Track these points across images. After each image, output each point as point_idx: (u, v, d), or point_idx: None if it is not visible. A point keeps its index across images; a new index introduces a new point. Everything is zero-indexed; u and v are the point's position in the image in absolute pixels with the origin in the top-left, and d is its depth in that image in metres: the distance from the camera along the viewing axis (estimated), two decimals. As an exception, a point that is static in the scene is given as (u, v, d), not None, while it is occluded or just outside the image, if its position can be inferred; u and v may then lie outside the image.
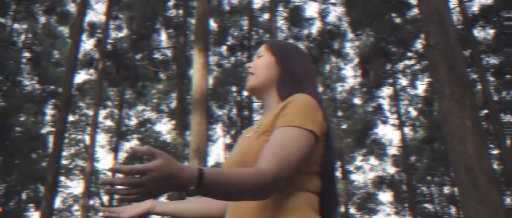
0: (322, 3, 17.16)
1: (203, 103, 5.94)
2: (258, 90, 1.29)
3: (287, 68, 1.27)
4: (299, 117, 1.09)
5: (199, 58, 6.19)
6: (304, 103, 1.13)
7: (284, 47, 1.32)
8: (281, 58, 1.29)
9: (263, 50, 1.33)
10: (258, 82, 1.28)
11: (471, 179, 3.94)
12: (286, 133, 1.06)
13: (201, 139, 5.82)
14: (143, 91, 18.92)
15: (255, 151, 1.10)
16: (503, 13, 17.76)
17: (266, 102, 1.30)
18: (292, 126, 1.08)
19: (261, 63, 1.30)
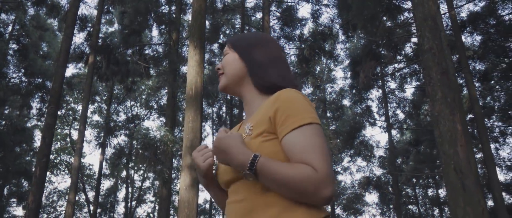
0: (315, 4, 17.26)
1: (197, 100, 5.96)
2: (230, 88, 1.32)
3: (251, 59, 1.28)
4: (305, 113, 1.10)
5: (194, 55, 6.20)
6: (299, 98, 1.13)
7: (244, 40, 1.33)
8: (243, 51, 1.30)
9: (227, 49, 1.35)
10: (227, 80, 1.31)
11: (460, 181, 4.04)
12: (305, 133, 1.07)
13: (194, 136, 5.85)
14: (133, 87, 18.80)
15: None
16: (490, 20, 18.09)
17: (244, 98, 1.31)
18: (306, 123, 1.08)
19: (227, 61, 1.32)
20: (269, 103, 1.15)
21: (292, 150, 1.07)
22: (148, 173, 23.35)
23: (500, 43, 18.39)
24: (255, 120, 1.17)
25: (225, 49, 1.36)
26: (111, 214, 24.19)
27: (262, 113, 1.16)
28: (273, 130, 1.12)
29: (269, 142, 1.11)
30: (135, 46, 15.92)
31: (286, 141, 1.08)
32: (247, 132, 1.17)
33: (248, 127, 1.17)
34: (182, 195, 5.53)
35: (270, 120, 1.12)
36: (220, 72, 1.34)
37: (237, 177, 1.16)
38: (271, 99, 1.16)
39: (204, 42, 6.93)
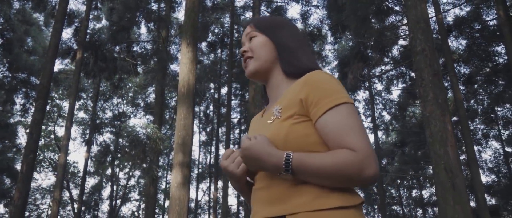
0: (305, 5, 17.34)
1: (189, 98, 5.94)
2: (260, 73, 1.25)
3: (282, 44, 1.24)
4: (338, 93, 1.08)
5: (187, 53, 6.18)
6: (330, 79, 1.11)
7: (272, 23, 1.29)
8: (273, 35, 1.26)
9: (251, 31, 1.28)
10: (259, 65, 1.24)
11: (450, 180, 4.12)
12: (340, 113, 1.04)
13: (186, 133, 5.83)
14: (120, 84, 18.62)
15: (284, 136, 1.08)
16: (475, 25, 18.44)
17: (270, 82, 1.26)
18: (340, 103, 1.05)
19: (257, 44, 1.25)
20: (298, 86, 1.13)
21: (328, 131, 1.04)
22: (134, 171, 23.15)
23: (484, 47, 18.74)
24: (284, 103, 1.14)
25: (249, 31, 1.30)
26: (95, 212, 23.92)
27: (291, 95, 1.13)
28: (305, 112, 1.09)
29: (300, 124, 1.08)
30: (123, 43, 15.78)
31: (322, 122, 1.05)
32: (276, 114, 1.14)
33: (276, 109, 1.14)
34: (174, 192, 5.51)
35: (301, 102, 1.09)
36: (247, 55, 1.27)
37: None
38: (300, 82, 1.13)
39: (197, 39, 6.91)
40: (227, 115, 17.13)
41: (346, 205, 1.02)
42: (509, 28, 13.12)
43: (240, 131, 25.60)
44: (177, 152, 5.76)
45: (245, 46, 1.29)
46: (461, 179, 4.11)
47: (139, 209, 23.85)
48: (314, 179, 1.03)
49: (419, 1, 4.82)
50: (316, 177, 1.02)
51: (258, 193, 1.13)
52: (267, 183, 1.10)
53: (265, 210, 1.08)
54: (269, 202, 1.08)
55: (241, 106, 24.17)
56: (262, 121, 1.22)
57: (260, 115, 1.31)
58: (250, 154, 1.07)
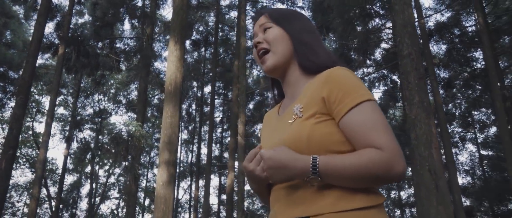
0: (290, 5, 17.43)
1: (176, 96, 5.92)
2: (279, 68, 1.20)
3: (299, 38, 1.19)
4: (361, 90, 1.05)
5: (175, 50, 6.16)
6: (351, 76, 1.07)
7: (287, 14, 1.24)
8: (289, 27, 1.20)
9: (266, 22, 1.23)
10: (277, 59, 1.19)
11: (434, 181, 4.23)
12: (365, 110, 1.03)
13: (173, 131, 5.80)
14: (102, 81, 18.35)
15: (307, 136, 1.05)
16: (455, 30, 18.87)
17: (287, 79, 1.22)
18: (364, 100, 1.04)
19: (274, 37, 1.19)
20: (319, 84, 1.09)
21: (353, 130, 1.02)
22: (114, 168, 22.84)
23: (463, 53, 19.17)
24: (304, 101, 1.11)
25: (262, 21, 1.24)
26: (73, 210, 23.51)
27: (312, 93, 1.10)
28: (327, 111, 1.07)
29: (322, 123, 1.06)
30: (107, 39, 15.56)
31: (346, 121, 1.03)
32: (297, 113, 1.10)
33: (297, 108, 1.11)
34: (159, 191, 5.48)
35: (323, 100, 1.07)
36: (262, 46, 1.21)
37: None
38: (320, 79, 1.10)
39: (185, 37, 6.89)
40: (210, 114, 17.09)
41: (369, 205, 1.01)
42: (487, 35, 13.49)
43: (222, 130, 25.56)
44: (163, 150, 5.74)
45: (259, 37, 1.23)
46: (444, 181, 4.22)
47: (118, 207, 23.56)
48: (342, 181, 1.01)
49: (406, 6, 4.93)
50: (344, 179, 1.00)
51: (280, 193, 1.11)
52: (291, 186, 1.08)
53: (288, 211, 1.07)
54: (293, 203, 1.07)
55: (224, 105, 24.12)
56: (281, 120, 1.18)
57: (275, 111, 1.28)
58: (275, 163, 1.03)
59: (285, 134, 1.10)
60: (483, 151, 25.40)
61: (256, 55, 1.24)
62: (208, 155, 16.41)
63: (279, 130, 1.15)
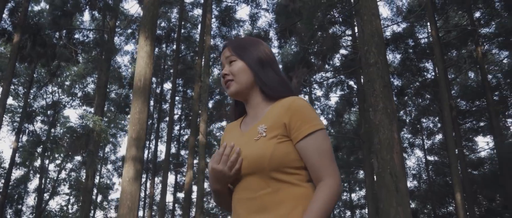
0: (254, 7, 17.61)
1: (145, 92, 5.88)
2: (241, 94, 1.43)
3: (258, 70, 1.42)
4: (316, 120, 1.29)
5: (145, 46, 6.11)
6: (308, 107, 1.31)
7: (247, 47, 1.45)
8: (249, 61, 1.42)
9: (230, 55, 1.45)
10: (239, 87, 1.41)
11: (394, 184, 4.52)
12: (320, 138, 1.28)
13: (141, 127, 5.76)
14: (57, 72, 17.67)
15: (270, 154, 1.26)
16: (409, 41, 19.82)
17: (250, 102, 1.44)
18: (316, 130, 1.27)
19: (237, 70, 1.41)
20: (281, 110, 1.32)
21: (308, 154, 1.27)
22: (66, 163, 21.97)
23: (415, 63, 20.14)
24: (269, 123, 1.32)
25: (227, 54, 1.45)
26: (19, 206, 22.39)
27: (275, 118, 1.32)
28: (287, 134, 1.29)
29: (283, 144, 1.27)
30: (65, 29, 15.00)
31: (302, 145, 1.27)
32: (261, 132, 1.31)
33: (262, 128, 1.32)
34: (125, 187, 5.42)
35: (284, 125, 1.29)
36: (228, 78, 1.43)
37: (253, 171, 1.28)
38: (283, 107, 1.32)
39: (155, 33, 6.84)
40: (170, 111, 16.91)
41: None
42: (439, 47, 14.31)
43: (180, 128, 25.29)
44: (130, 146, 5.68)
45: (225, 69, 1.44)
46: (403, 183, 4.53)
47: (68, 203, 22.69)
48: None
49: (374, 17, 5.22)
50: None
51: (243, 202, 1.30)
52: (253, 195, 1.28)
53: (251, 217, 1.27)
54: (256, 211, 1.26)
55: (183, 103, 23.89)
56: (245, 135, 1.38)
57: (237, 125, 1.50)
58: None
59: (250, 149, 1.30)
60: (429, 156, 26.80)
61: (223, 83, 1.45)
62: (167, 153, 16.24)
63: (243, 144, 1.34)
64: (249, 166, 1.28)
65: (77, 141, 8.82)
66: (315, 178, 1.28)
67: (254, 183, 1.28)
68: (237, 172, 1.31)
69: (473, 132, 21.45)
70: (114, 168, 24.05)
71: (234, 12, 18.70)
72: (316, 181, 1.28)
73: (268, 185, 1.27)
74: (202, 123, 11.93)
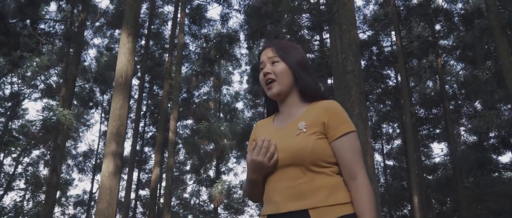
0: (226, 7, 17.73)
1: (126, 88, 5.91)
2: (281, 94, 1.54)
3: (299, 73, 1.54)
4: (350, 123, 1.50)
5: (127, 43, 6.13)
6: (343, 110, 1.50)
7: (290, 51, 1.57)
8: (291, 63, 1.54)
9: (273, 55, 1.56)
10: (282, 89, 1.54)
11: (367, 185, 4.85)
12: (353, 139, 1.47)
13: (121, 123, 5.78)
14: (19, 62, 17.04)
15: (307, 147, 1.42)
16: (374, 49, 20.60)
17: (286, 101, 1.56)
18: (351, 131, 1.47)
19: (280, 71, 1.53)
20: (320, 111, 1.48)
21: (342, 152, 1.45)
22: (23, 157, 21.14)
23: (379, 70, 20.92)
24: (308, 121, 1.48)
25: (270, 54, 1.57)
26: (-31, 201, 21.34)
27: (315, 117, 1.48)
28: (324, 132, 1.46)
29: (321, 140, 1.45)
30: (30, 18, 14.51)
31: (337, 143, 1.45)
32: (302, 129, 1.46)
33: (302, 125, 1.47)
34: (104, 182, 5.44)
35: (323, 124, 1.46)
36: (271, 77, 1.54)
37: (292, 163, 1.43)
38: (321, 108, 1.49)
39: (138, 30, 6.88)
40: (137, 108, 16.72)
41: (348, 201, 1.42)
42: (402, 56, 15.03)
43: (144, 124, 24.95)
44: (110, 142, 5.70)
45: (268, 68, 1.56)
46: (375, 185, 4.85)
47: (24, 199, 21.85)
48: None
49: (352, 27, 5.54)
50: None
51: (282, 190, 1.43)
52: (291, 183, 1.42)
53: (290, 205, 1.40)
54: (293, 197, 1.40)
55: (149, 99, 23.61)
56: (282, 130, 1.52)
57: (269, 121, 1.63)
58: None
59: (291, 142, 1.45)
60: (388, 161, 27.85)
61: (263, 81, 1.57)
62: (132, 149, 16.06)
63: (282, 138, 1.49)
64: (290, 157, 1.42)
65: (47, 134, 8.63)
66: (347, 174, 1.44)
67: (291, 173, 1.42)
68: (275, 163, 1.44)
69: (429, 138, 22.56)
70: (75, 163, 23.41)
71: (206, 11, 18.74)
72: (348, 176, 1.44)
73: (305, 175, 1.41)
74: (172, 121, 11.95)
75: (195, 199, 29.24)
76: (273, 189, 1.46)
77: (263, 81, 1.58)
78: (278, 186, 1.44)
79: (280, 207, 1.42)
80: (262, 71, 1.58)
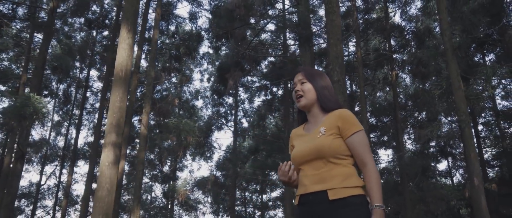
0: (196, 6, 18.00)
1: (126, 82, 6.19)
2: (307, 106, 2.09)
3: (321, 92, 2.10)
4: (358, 124, 1.97)
5: (127, 39, 6.40)
6: (352, 115, 1.98)
7: (314, 75, 2.13)
8: (316, 84, 2.11)
9: (303, 78, 2.13)
10: (308, 102, 2.09)
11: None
12: (361, 135, 1.94)
13: (121, 115, 6.06)
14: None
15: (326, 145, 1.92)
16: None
17: (311, 112, 2.11)
18: (359, 130, 1.95)
19: (307, 89, 2.10)
20: (335, 118, 1.98)
21: (354, 147, 1.93)
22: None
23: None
24: (326, 126, 1.99)
25: (300, 77, 2.14)
26: None
27: (331, 122, 1.98)
28: (339, 133, 1.96)
29: (336, 139, 1.94)
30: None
31: (350, 140, 1.94)
32: (323, 132, 1.99)
33: (323, 130, 2.00)
34: (104, 171, 5.70)
35: (338, 127, 1.96)
36: (300, 93, 2.11)
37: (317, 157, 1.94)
38: (335, 115, 1.99)
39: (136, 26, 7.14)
40: (102, 100, 16.58)
41: (360, 185, 1.89)
42: (361, 67, 16.14)
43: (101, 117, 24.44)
44: (110, 132, 5.96)
45: (298, 87, 2.13)
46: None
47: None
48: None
49: (338, 42, 6.23)
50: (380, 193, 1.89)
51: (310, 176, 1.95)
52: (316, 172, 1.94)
53: (315, 186, 1.91)
54: (317, 182, 1.92)
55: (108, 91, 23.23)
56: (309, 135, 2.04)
57: (301, 129, 2.17)
58: None
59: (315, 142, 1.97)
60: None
61: (295, 96, 2.13)
62: (95, 142, 15.93)
63: (309, 141, 2.02)
64: (315, 153, 1.94)
65: (23, 122, 8.57)
66: (359, 162, 1.93)
67: (316, 165, 1.94)
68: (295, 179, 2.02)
69: (377, 145, 24.11)
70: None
71: (175, 8, 18.90)
72: (360, 164, 1.93)
73: (326, 165, 1.92)
74: (144, 115, 12.14)
75: (147, 195, 29.03)
76: (304, 176, 1.98)
77: (294, 96, 2.14)
78: (307, 173, 1.97)
79: (308, 189, 1.93)
80: (294, 89, 2.16)
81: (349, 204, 1.82)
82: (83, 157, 22.90)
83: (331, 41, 6.24)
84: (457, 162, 23.55)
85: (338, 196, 1.83)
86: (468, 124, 9.83)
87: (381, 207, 1.80)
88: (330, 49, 6.27)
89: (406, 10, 18.06)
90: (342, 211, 1.80)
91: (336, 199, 1.83)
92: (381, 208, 1.80)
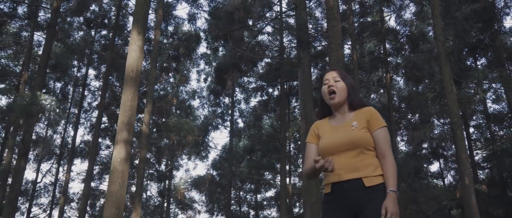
0: (195, 8, 18.27)
1: (137, 82, 6.47)
2: (340, 104, 2.30)
3: (351, 90, 2.32)
4: (383, 120, 2.22)
5: (138, 41, 6.68)
6: (378, 113, 2.24)
7: (346, 75, 2.36)
8: (347, 83, 2.33)
9: (336, 76, 2.33)
10: (340, 99, 2.30)
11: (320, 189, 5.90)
12: (385, 131, 2.20)
13: (132, 113, 6.34)
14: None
15: (361, 137, 2.15)
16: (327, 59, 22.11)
17: (341, 108, 2.31)
18: (384, 126, 2.21)
19: (341, 87, 2.31)
20: (365, 114, 2.24)
21: (379, 140, 2.18)
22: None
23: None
24: (358, 121, 2.23)
25: (334, 75, 2.34)
26: None
27: (362, 118, 2.23)
28: (368, 127, 2.21)
29: (367, 133, 2.18)
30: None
31: (376, 134, 2.19)
32: (355, 126, 2.22)
33: (355, 124, 2.23)
34: (117, 167, 5.98)
35: (367, 121, 2.22)
36: (333, 89, 2.31)
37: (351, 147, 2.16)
38: (365, 112, 2.25)
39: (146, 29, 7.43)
40: (101, 98, 16.80)
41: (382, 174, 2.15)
42: (357, 69, 16.53)
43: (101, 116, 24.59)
44: (121, 130, 6.24)
45: (331, 82, 2.33)
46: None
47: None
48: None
49: (339, 47, 6.57)
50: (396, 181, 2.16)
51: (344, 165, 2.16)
52: (350, 161, 2.16)
53: (351, 175, 2.14)
54: (351, 171, 2.14)
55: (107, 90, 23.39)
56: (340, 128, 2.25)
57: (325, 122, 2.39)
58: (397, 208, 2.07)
59: (350, 134, 2.19)
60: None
61: (326, 91, 2.33)
62: (94, 140, 16.15)
63: (343, 132, 2.23)
64: (349, 144, 2.17)
65: (31, 120, 8.79)
66: (380, 153, 2.17)
67: (349, 155, 2.17)
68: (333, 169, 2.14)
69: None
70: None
71: (174, 8, 19.15)
72: (381, 155, 2.17)
73: (358, 155, 2.15)
74: (146, 114, 12.40)
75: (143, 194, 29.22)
76: (339, 164, 2.18)
77: (326, 92, 2.34)
78: (342, 162, 2.17)
79: (342, 177, 2.15)
80: (327, 85, 2.34)
81: (379, 190, 2.10)
82: (80, 155, 23.07)
83: (332, 46, 6.58)
84: (448, 164, 24.08)
85: (372, 183, 2.10)
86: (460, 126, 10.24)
87: (395, 191, 2.12)
88: (331, 53, 6.60)
89: (401, 15, 18.51)
90: (374, 197, 2.08)
91: (370, 186, 2.11)
92: (395, 193, 2.10)
